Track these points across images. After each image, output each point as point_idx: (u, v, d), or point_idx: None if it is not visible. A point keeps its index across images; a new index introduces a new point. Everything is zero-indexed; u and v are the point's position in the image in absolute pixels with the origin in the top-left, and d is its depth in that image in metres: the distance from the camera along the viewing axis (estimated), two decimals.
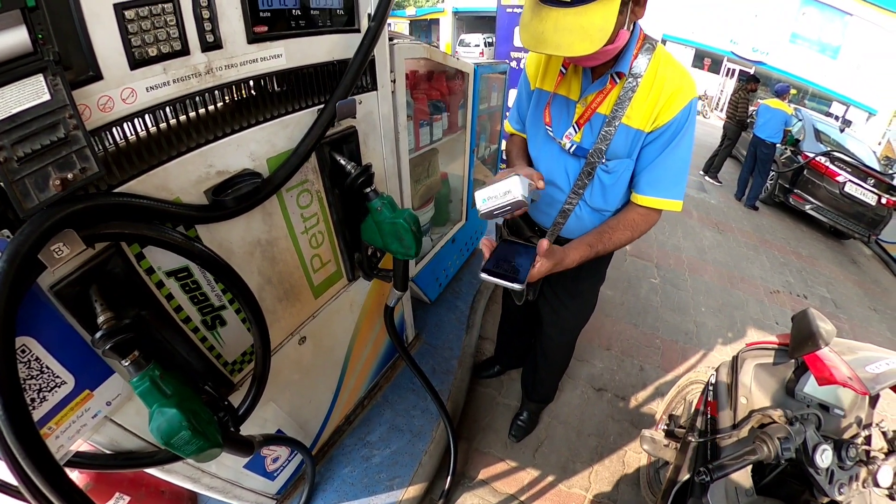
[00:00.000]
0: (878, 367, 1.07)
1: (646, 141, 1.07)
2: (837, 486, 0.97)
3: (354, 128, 1.11)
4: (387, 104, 1.24)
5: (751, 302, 3.68)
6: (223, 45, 0.76)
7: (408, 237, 1.08)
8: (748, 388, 1.32)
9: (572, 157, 1.15)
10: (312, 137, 0.94)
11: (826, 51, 15.86)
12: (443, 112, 1.76)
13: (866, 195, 5.35)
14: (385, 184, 1.34)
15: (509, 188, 0.93)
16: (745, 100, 6.17)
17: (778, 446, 0.91)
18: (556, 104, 1.16)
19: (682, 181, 1.12)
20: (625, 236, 1.15)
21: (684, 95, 1.02)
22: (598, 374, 2.49)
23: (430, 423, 1.83)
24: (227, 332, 0.99)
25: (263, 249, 1.00)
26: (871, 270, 5.31)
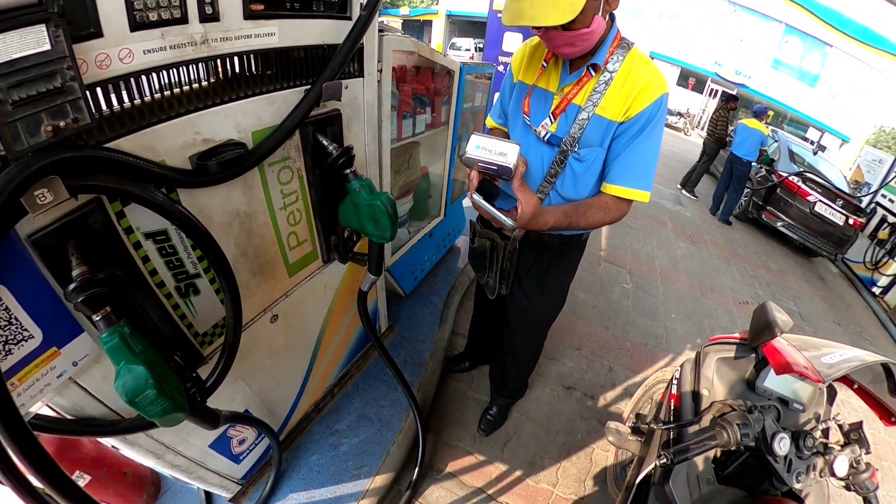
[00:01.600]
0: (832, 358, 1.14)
1: (617, 131, 1.15)
2: (795, 475, 1.03)
3: (339, 111, 1.17)
4: (372, 92, 1.30)
5: (720, 311, 3.86)
6: (220, 17, 0.81)
7: (384, 219, 1.13)
8: (710, 381, 1.40)
9: (547, 145, 1.23)
10: (297, 115, 0.99)
11: (805, 78, 17.03)
12: (427, 106, 1.82)
13: (835, 215, 5.70)
14: (365, 169, 1.40)
15: (506, 151, 0.95)
16: (725, 118, 6.51)
17: (737, 432, 0.96)
18: (536, 95, 1.24)
19: (650, 172, 1.20)
20: (598, 216, 1.21)
21: (656, 89, 1.11)
22: (568, 373, 2.57)
23: (400, 414, 1.87)
24: (200, 301, 1.02)
25: (242, 221, 1.04)
26: (837, 287, 5.62)
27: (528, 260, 1.48)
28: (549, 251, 1.45)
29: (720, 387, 1.37)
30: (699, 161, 6.99)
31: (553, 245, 1.42)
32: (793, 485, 1.03)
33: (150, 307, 0.90)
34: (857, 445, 1.13)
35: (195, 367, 1.02)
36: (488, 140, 0.96)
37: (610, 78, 1.11)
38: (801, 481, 1.04)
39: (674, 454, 0.97)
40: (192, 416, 0.89)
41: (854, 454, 1.11)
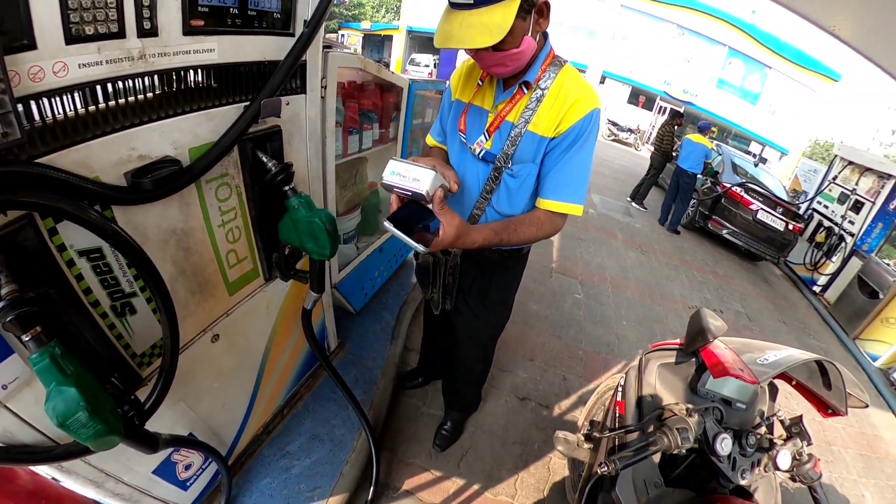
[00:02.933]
0: (767, 359, 1.23)
1: (549, 146, 1.21)
2: (740, 472, 1.10)
3: (279, 127, 1.22)
4: (315, 108, 1.37)
5: (670, 316, 4.10)
6: (159, 33, 0.84)
7: (322, 236, 1.17)
8: (653, 387, 1.47)
9: (482, 162, 1.29)
10: (235, 132, 1.03)
11: (747, 97, 19.00)
12: (374, 122, 1.92)
13: (776, 222, 6.29)
14: (308, 185, 1.45)
15: (420, 178, 0.95)
16: (671, 133, 7.03)
17: (677, 437, 1.01)
18: (472, 114, 1.31)
19: (581, 186, 1.25)
20: (530, 232, 1.24)
21: (586, 105, 1.17)
22: (522, 384, 2.66)
23: (352, 433, 1.87)
24: (137, 321, 1.01)
25: (179, 239, 1.05)
26: (781, 288, 6.11)
27: (470, 275, 1.53)
28: (490, 266, 1.50)
29: (663, 392, 1.45)
30: (647, 174, 7.48)
31: (494, 260, 1.48)
32: (738, 482, 1.09)
33: (84, 327, 0.89)
34: (798, 438, 1.22)
35: (133, 390, 1.01)
36: (404, 165, 0.97)
37: (542, 95, 1.17)
38: (747, 478, 1.10)
39: (616, 462, 1.01)
40: (127, 439, 0.88)
41: (796, 447, 1.20)
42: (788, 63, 17.73)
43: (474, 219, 1.36)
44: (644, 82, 19.11)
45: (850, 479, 2.82)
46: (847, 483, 2.77)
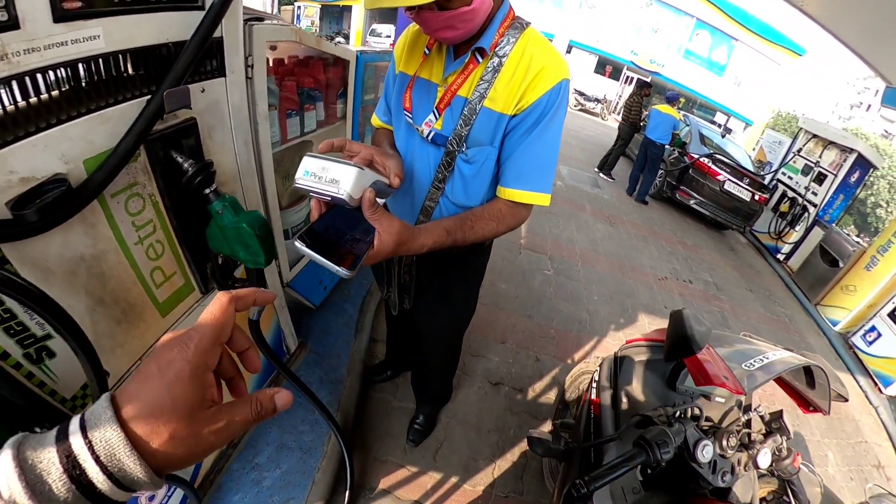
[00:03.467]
0: (753, 364, 1.17)
1: (509, 125, 1.03)
2: (721, 475, 1.03)
3: (195, 119, 1.04)
4: (239, 92, 1.18)
5: (641, 289, 4.11)
6: (21, 24, 0.66)
7: (253, 243, 1.01)
8: (629, 388, 1.40)
9: (432, 145, 1.11)
10: (134, 134, 0.85)
11: (714, 68, 19.19)
12: (317, 101, 1.71)
13: (742, 192, 6.40)
14: (240, 181, 1.28)
15: (340, 178, 0.72)
16: (639, 104, 6.97)
17: (657, 451, 0.93)
18: (418, 88, 1.11)
19: (549, 171, 1.08)
20: (489, 227, 1.08)
21: (553, 74, 0.98)
22: (495, 369, 2.60)
23: (321, 438, 1.79)
24: (59, 364, 0.88)
25: (89, 266, 0.90)
26: (747, 256, 6.24)
27: (428, 272, 1.38)
28: (449, 262, 1.35)
29: (640, 392, 1.38)
30: (615, 145, 7.44)
31: (454, 255, 1.32)
32: (718, 484, 1.04)
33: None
34: (778, 434, 1.17)
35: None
36: (320, 163, 0.74)
37: (499, 63, 0.99)
38: (727, 481, 1.04)
39: (588, 482, 0.92)
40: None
41: (776, 443, 1.15)
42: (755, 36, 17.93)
43: (428, 211, 1.18)
44: (611, 52, 19.01)
45: (814, 441, 2.92)
46: (812, 444, 2.86)
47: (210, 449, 0.39)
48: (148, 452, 0.35)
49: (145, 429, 0.35)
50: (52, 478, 0.31)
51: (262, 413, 0.42)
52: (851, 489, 2.71)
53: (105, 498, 0.33)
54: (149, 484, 0.35)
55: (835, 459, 2.87)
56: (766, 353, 1.25)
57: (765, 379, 1.13)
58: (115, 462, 0.33)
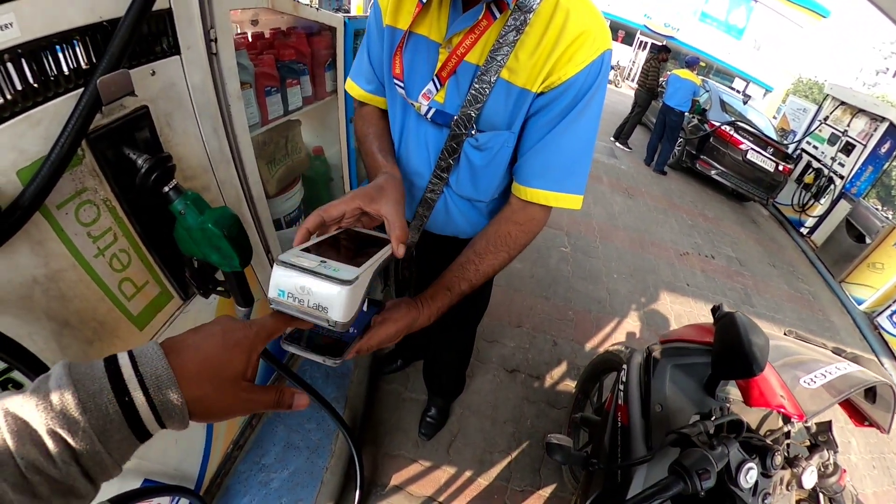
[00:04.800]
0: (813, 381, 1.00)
1: (535, 106, 0.79)
2: (761, 497, 0.89)
3: (146, 107, 0.87)
4: (200, 71, 0.99)
5: (662, 265, 3.90)
6: None
7: (223, 244, 0.86)
8: (663, 393, 1.25)
9: (432, 125, 0.87)
10: (71, 134, 0.69)
11: (731, 31, 18.11)
12: (301, 75, 1.49)
13: (766, 162, 6.03)
14: (212, 173, 1.10)
15: (326, 304, 0.52)
16: (656, 69, 6.59)
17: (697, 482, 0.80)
18: (412, 49, 0.83)
19: (583, 167, 0.84)
20: (498, 260, 0.86)
21: (595, 43, 0.73)
22: (510, 355, 2.46)
23: (329, 436, 1.69)
24: None
25: (45, 288, 0.78)
26: (769, 230, 5.94)
27: (431, 266, 1.13)
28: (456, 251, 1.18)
29: (675, 400, 1.21)
30: (631, 112, 7.07)
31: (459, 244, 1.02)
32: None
33: None
34: (825, 448, 1.02)
35: None
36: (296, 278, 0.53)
37: (524, 21, 0.72)
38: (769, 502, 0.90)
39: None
40: None
41: (822, 458, 1.00)
42: None
43: (428, 204, 0.98)
44: (623, 16, 18.16)
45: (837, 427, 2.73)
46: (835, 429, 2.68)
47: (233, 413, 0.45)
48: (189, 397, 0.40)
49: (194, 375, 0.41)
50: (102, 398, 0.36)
51: (280, 403, 0.49)
52: (874, 478, 2.57)
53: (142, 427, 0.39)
54: (180, 423, 0.41)
55: (857, 446, 2.72)
56: (826, 366, 1.06)
57: (830, 402, 0.95)
58: (160, 395, 0.38)
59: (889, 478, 2.62)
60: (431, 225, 1.04)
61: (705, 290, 3.68)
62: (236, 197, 1.22)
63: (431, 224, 1.04)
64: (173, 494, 1.15)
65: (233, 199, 1.20)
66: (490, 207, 1.01)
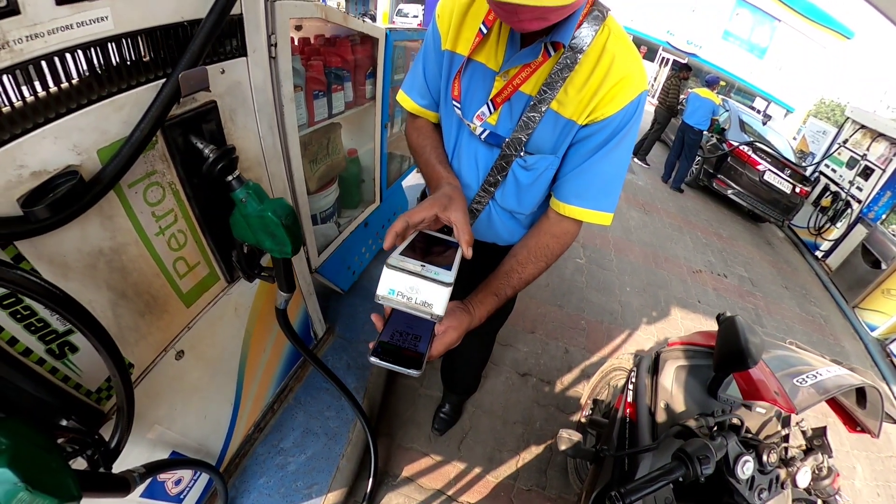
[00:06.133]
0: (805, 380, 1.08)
1: (577, 136, 0.89)
2: (758, 493, 0.96)
3: (215, 102, 0.95)
4: (262, 72, 1.08)
5: (674, 281, 3.91)
6: (21, 9, 0.59)
7: (280, 232, 0.93)
8: (669, 392, 1.31)
9: (483, 144, 0.95)
10: (150, 120, 0.77)
11: (754, 50, 17.79)
12: (346, 81, 1.59)
13: (783, 184, 5.96)
14: (265, 167, 1.19)
15: (432, 301, 0.67)
16: (677, 87, 6.58)
17: (698, 467, 0.87)
18: (470, 74, 0.91)
19: (616, 190, 0.94)
20: (538, 269, 0.96)
21: (634, 86, 0.82)
22: (523, 359, 2.51)
23: (347, 424, 1.76)
24: (82, 357, 0.84)
25: (109, 260, 0.85)
26: (784, 252, 5.88)
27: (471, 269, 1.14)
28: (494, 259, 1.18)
29: (680, 398, 1.29)
30: (651, 129, 7.05)
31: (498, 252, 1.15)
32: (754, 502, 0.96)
33: (20, 380, 0.74)
34: (820, 452, 1.08)
35: (97, 427, 0.87)
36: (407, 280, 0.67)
37: (575, 60, 0.81)
38: (764, 499, 0.96)
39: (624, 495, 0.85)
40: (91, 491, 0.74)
41: (816, 461, 1.06)
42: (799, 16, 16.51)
43: (474, 213, 1.06)
44: (646, 32, 17.98)
45: (843, 451, 2.75)
46: (840, 454, 2.69)
47: None
48: None
49: None
50: None
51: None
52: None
53: None
54: None
55: (863, 473, 2.69)
56: (818, 368, 1.15)
57: (818, 399, 1.04)
58: None
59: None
60: (473, 232, 1.12)
61: (716, 308, 3.67)
62: (283, 191, 1.29)
63: (473, 231, 1.11)
64: (198, 469, 1.21)
65: (280, 192, 1.28)
66: (529, 220, 1.10)
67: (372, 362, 0.70)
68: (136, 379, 0.97)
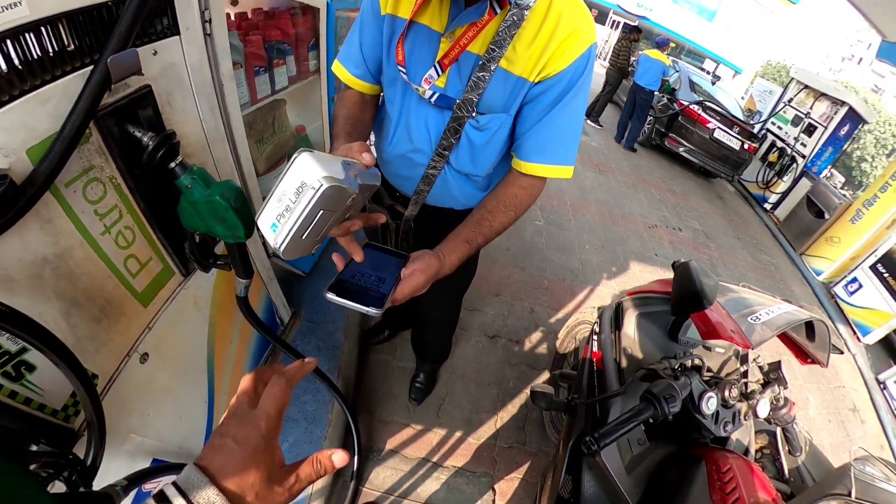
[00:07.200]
0: (758, 317, 1.13)
1: (531, 94, 0.89)
2: (723, 425, 1.02)
3: (150, 87, 0.89)
4: (198, 51, 1.01)
5: (631, 237, 4.05)
6: None
7: (230, 216, 0.88)
8: (632, 339, 1.37)
9: (434, 108, 0.94)
10: (81, 112, 0.71)
11: (703, 13, 18.23)
12: (287, 55, 1.52)
13: (732, 141, 6.25)
14: (209, 150, 1.13)
15: (301, 179, 0.55)
16: (627, 49, 6.63)
17: (665, 406, 0.91)
18: (414, 37, 0.89)
19: (574, 142, 0.96)
20: (508, 218, 0.97)
21: (584, 39, 0.83)
22: (491, 322, 2.56)
23: (325, 406, 1.76)
24: (42, 375, 0.79)
25: (55, 267, 0.79)
26: (734, 205, 6.21)
27: (428, 236, 1.16)
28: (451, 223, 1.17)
29: (643, 344, 1.34)
30: (602, 91, 7.12)
31: (456, 217, 1.14)
32: (721, 434, 1.03)
33: None
34: (776, 384, 1.16)
35: (70, 447, 0.83)
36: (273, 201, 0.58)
37: (521, 16, 0.80)
38: (729, 431, 1.03)
39: (599, 439, 0.89)
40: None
41: (774, 393, 1.14)
42: None
43: (430, 180, 1.06)
44: None
45: (796, 385, 3.00)
46: (794, 387, 2.94)
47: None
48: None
49: (236, 491, 0.41)
50: None
51: (322, 471, 0.49)
52: (829, 431, 2.81)
53: None
54: None
55: (815, 403, 2.96)
56: (770, 306, 1.20)
57: (771, 334, 1.09)
58: None
59: (843, 431, 2.87)
60: (431, 198, 1.13)
61: (672, 260, 3.82)
62: (230, 174, 1.24)
63: (431, 197, 1.12)
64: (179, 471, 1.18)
65: (227, 175, 1.23)
66: (486, 182, 1.11)
67: (328, 299, 0.67)
68: (102, 390, 0.93)
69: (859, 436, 2.91)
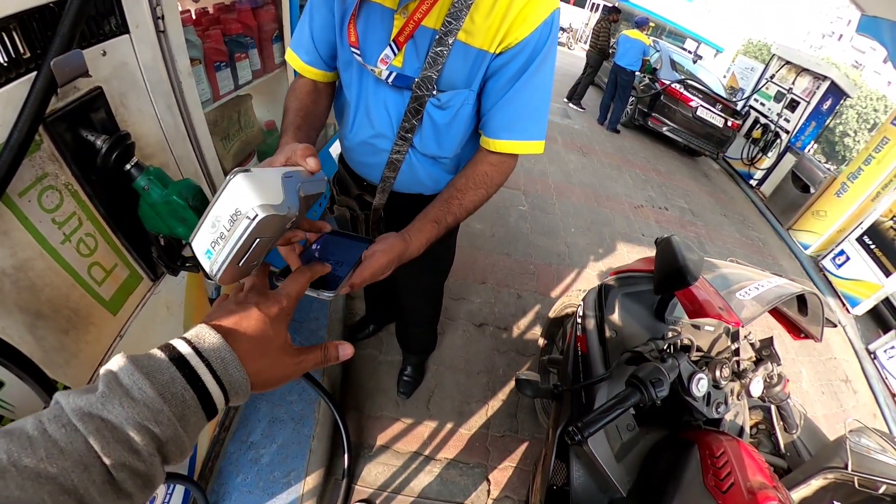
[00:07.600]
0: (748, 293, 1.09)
1: (493, 67, 0.85)
2: (715, 407, 0.98)
3: (100, 88, 0.85)
4: (150, 49, 0.97)
5: (617, 218, 4.05)
6: None
7: (189, 215, 0.86)
8: (617, 321, 1.32)
9: (393, 89, 0.89)
10: (27, 118, 0.68)
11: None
12: (250, 48, 1.47)
13: (715, 119, 6.27)
14: (170, 150, 1.09)
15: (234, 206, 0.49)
16: (607, 30, 6.63)
17: (652, 391, 0.87)
18: (366, 16, 0.85)
19: (543, 116, 0.91)
20: (478, 196, 0.93)
21: (545, 4, 0.79)
22: (477, 310, 2.54)
23: (311, 405, 1.74)
24: (11, 391, 0.77)
25: (15, 279, 0.76)
26: (720, 182, 6.23)
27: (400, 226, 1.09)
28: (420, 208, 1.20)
29: (628, 325, 1.30)
30: (583, 73, 7.10)
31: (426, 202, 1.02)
32: (713, 416, 0.99)
33: None
34: (769, 361, 1.12)
35: None
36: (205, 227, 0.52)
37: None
38: (722, 412, 0.99)
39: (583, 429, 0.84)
40: None
41: (767, 371, 1.10)
42: None
43: (395, 165, 1.02)
44: None
45: (788, 358, 3.02)
46: (787, 361, 2.97)
47: (287, 378, 0.48)
48: (250, 372, 0.42)
49: (250, 351, 0.43)
50: (176, 387, 0.37)
51: (328, 359, 0.51)
52: (823, 402, 2.84)
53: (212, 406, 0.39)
54: (244, 397, 0.42)
55: (808, 375, 2.98)
56: (759, 280, 1.16)
57: (762, 310, 1.05)
58: (227, 376, 0.40)
59: (836, 402, 2.90)
60: (399, 185, 1.08)
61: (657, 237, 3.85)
62: (195, 173, 1.20)
63: (399, 184, 1.08)
64: (170, 482, 1.14)
65: (191, 175, 1.19)
66: (453, 163, 1.07)
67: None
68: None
69: (852, 406, 2.95)
